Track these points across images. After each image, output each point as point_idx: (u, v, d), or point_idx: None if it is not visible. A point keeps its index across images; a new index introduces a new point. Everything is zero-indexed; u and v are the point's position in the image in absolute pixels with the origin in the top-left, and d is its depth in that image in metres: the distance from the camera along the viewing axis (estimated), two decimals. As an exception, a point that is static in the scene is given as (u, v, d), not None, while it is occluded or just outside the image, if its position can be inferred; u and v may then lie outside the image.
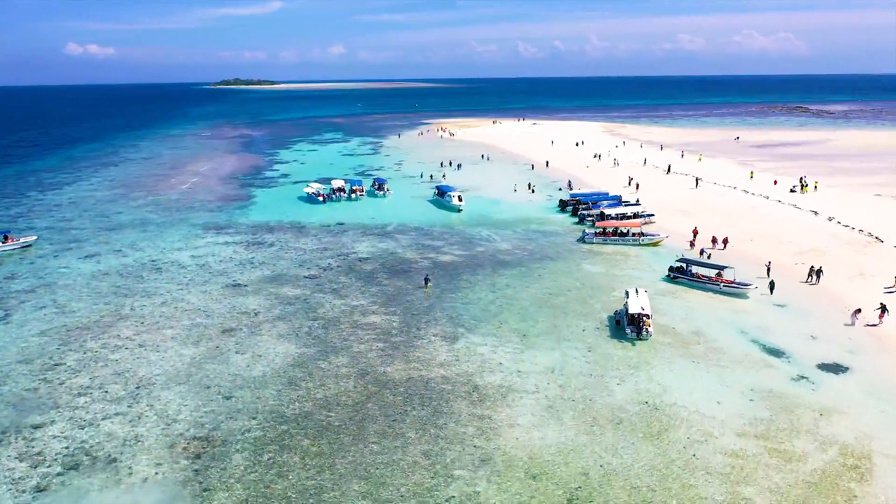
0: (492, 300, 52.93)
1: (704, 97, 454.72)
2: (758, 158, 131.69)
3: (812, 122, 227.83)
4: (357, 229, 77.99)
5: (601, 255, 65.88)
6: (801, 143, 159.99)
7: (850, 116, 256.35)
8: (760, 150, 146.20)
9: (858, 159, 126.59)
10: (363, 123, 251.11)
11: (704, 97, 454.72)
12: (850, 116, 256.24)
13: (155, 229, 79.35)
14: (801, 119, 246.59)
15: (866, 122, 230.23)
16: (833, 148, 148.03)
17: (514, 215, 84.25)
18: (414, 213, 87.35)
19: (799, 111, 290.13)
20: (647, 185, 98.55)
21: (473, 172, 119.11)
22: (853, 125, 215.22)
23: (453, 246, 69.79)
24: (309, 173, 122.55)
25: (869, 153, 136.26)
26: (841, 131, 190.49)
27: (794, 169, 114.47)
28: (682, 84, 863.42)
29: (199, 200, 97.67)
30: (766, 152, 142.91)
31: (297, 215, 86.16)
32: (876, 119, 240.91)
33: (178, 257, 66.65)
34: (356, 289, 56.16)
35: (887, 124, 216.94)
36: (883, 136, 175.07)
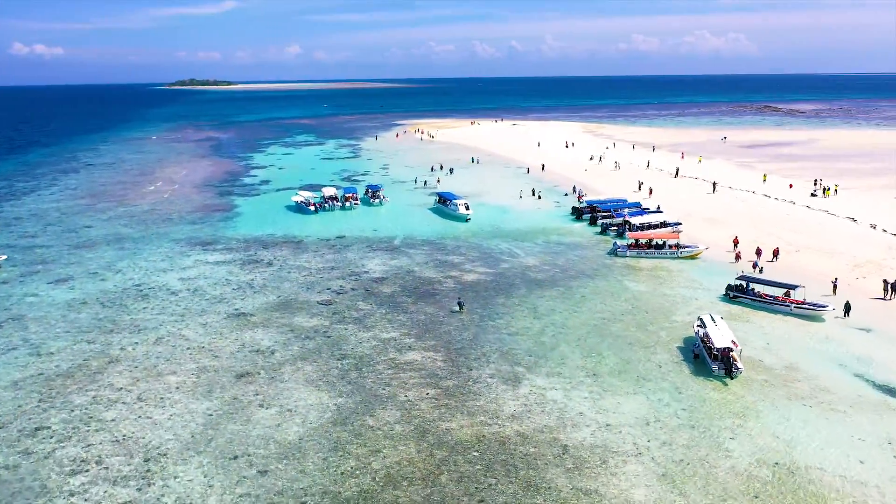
0: (541, 329, 46.36)
1: (672, 96, 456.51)
2: (755, 159, 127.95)
3: (789, 122, 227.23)
4: (361, 243, 70.64)
5: (640, 270, 59.87)
6: (791, 143, 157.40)
7: (822, 116, 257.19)
8: (753, 151, 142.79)
9: (857, 160, 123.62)
10: (334, 125, 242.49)
11: (672, 96, 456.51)
12: (823, 116, 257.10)
13: (132, 246, 70.76)
14: (776, 118, 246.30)
15: (841, 121, 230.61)
16: (825, 148, 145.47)
17: (528, 225, 77.90)
18: (417, 223, 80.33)
19: (770, 110, 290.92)
20: (660, 190, 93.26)
21: (467, 177, 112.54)
22: (829, 125, 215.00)
23: (474, 262, 63.04)
24: (291, 179, 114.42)
25: (863, 153, 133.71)
26: (822, 131, 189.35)
27: (797, 170, 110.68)
28: (641, 83, 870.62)
29: (177, 211, 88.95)
30: (760, 153, 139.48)
31: (289, 227, 78.36)
32: (850, 118, 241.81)
33: (166, 280, 58.47)
34: (381, 317, 49.00)
35: (863, 123, 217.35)
36: (866, 135, 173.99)
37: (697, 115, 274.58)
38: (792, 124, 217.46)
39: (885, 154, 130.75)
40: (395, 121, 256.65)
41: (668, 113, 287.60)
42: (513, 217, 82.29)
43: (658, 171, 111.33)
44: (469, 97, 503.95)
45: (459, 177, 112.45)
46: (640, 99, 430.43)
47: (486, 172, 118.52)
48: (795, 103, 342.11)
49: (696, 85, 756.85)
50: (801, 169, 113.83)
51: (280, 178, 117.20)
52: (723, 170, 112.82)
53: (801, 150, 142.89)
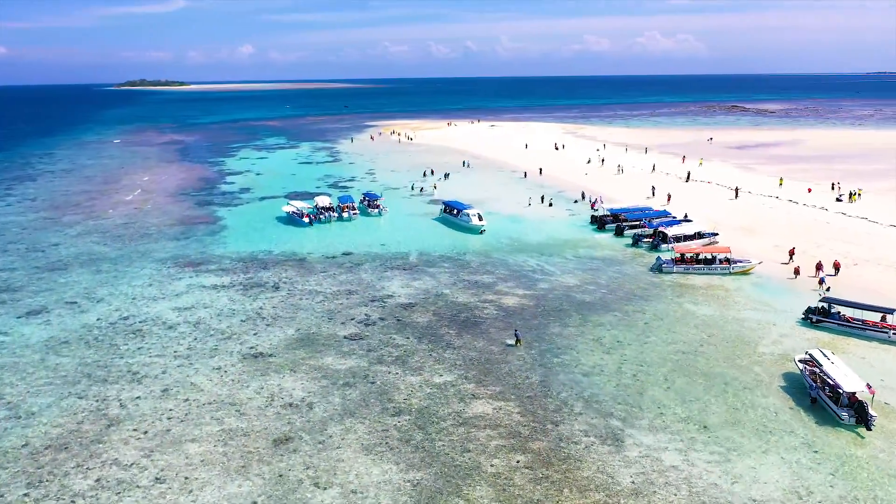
0: (616, 366, 39.94)
1: (636, 97, 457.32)
2: (753, 161, 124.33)
3: (765, 122, 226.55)
4: (372, 261, 63.31)
5: (694, 289, 54.01)
6: (778, 144, 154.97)
7: (793, 115, 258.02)
8: (745, 152, 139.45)
9: (854, 161, 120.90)
10: (302, 126, 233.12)
11: (636, 97, 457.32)
12: (794, 115, 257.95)
13: (111, 268, 62.11)
14: (749, 118, 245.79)
15: (815, 120, 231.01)
16: (815, 148, 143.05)
17: (548, 236, 71.61)
18: (427, 236, 73.33)
19: (739, 110, 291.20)
20: (676, 196, 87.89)
21: (464, 182, 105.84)
22: (805, 124, 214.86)
23: (508, 282, 56.36)
24: (273, 186, 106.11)
25: (857, 154, 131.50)
26: (802, 131, 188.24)
27: (800, 172, 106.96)
28: (598, 83, 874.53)
29: (155, 225, 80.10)
30: (753, 154, 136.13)
31: (286, 243, 70.51)
32: (821, 118, 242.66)
33: (158, 311, 50.30)
34: (425, 355, 41.95)
35: (838, 123, 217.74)
36: (849, 135, 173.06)
37: (670, 115, 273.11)
38: (769, 124, 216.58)
39: (879, 154, 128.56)
40: (364, 122, 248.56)
41: (640, 113, 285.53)
42: (529, 228, 75.89)
43: (664, 174, 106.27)
44: (433, 97, 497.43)
45: (456, 183, 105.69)
46: (606, 99, 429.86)
47: (481, 177, 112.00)
48: (761, 103, 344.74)
49: (653, 85, 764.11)
50: (803, 171, 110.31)
51: (260, 185, 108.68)
52: (725, 173, 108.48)
53: (793, 151, 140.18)
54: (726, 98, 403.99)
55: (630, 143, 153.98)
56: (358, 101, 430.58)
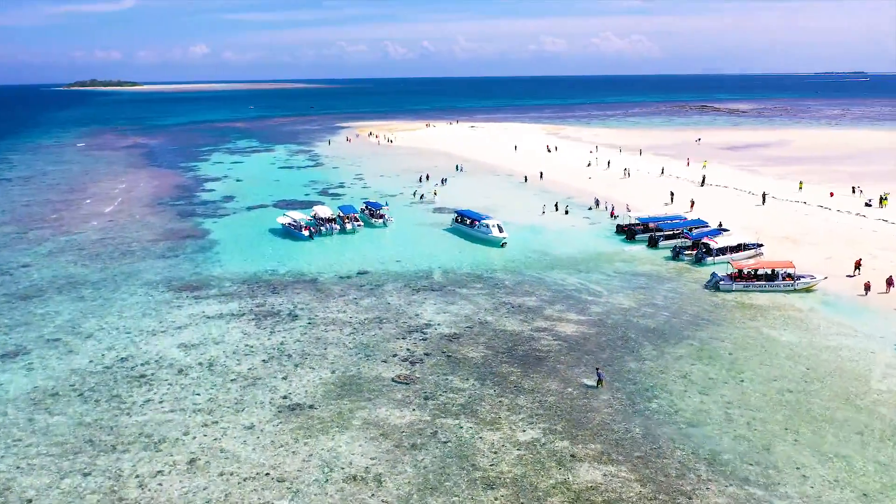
0: (722, 412, 34.26)
1: (602, 97, 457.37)
2: (752, 162, 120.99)
3: (743, 122, 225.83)
4: (394, 281, 56.62)
5: (764, 310, 48.81)
6: (767, 144, 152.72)
7: (766, 115, 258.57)
8: (738, 153, 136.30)
9: (852, 162, 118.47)
10: (271, 128, 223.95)
11: (602, 97, 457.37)
12: (767, 115, 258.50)
13: (94, 294, 54.15)
14: (726, 118, 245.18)
15: (790, 120, 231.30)
16: (805, 149, 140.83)
17: (577, 249, 65.90)
18: (444, 250, 66.94)
19: (711, 110, 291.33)
20: (698, 202, 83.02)
21: (463, 189, 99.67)
22: (782, 124, 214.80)
23: (554, 305, 50.33)
24: (257, 194, 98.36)
25: (851, 154, 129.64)
26: (784, 130, 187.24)
27: (803, 174, 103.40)
28: (557, 83, 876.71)
29: (136, 240, 71.91)
30: (747, 155, 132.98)
31: (290, 260, 63.31)
32: (795, 117, 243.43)
33: (161, 349, 42.87)
34: (495, 401, 35.63)
35: (814, 123, 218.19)
36: (834, 134, 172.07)
37: (645, 115, 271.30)
38: (747, 124, 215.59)
39: (874, 155, 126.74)
40: (335, 123, 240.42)
41: (614, 113, 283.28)
42: (551, 239, 70.06)
43: (674, 178, 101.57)
44: (397, 98, 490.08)
45: (455, 189, 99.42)
46: (575, 99, 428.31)
47: (480, 182, 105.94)
48: (727, 102, 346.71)
49: (615, 85, 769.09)
50: (807, 173, 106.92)
51: (243, 192, 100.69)
52: (729, 175, 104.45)
53: (787, 152, 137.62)
54: (687, 98, 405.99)
55: (620, 145, 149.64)
56: (322, 102, 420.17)
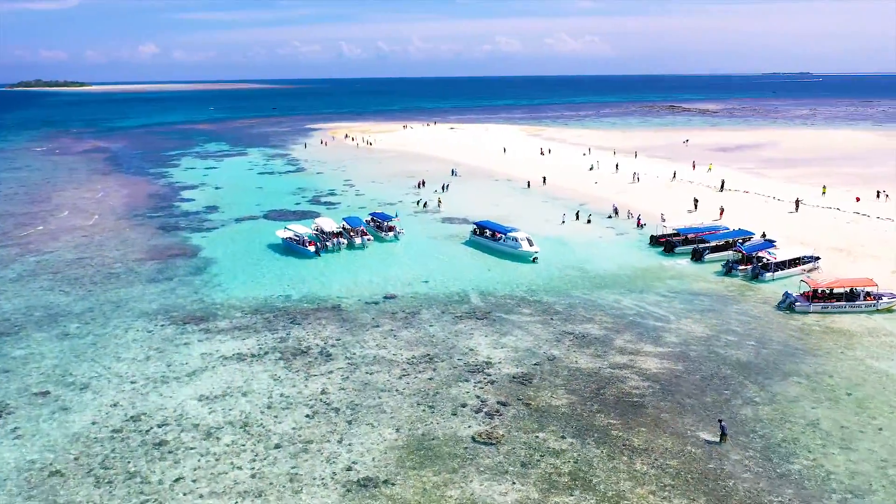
0: (880, 474, 28.99)
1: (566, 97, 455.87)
2: (753, 165, 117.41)
3: (721, 122, 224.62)
4: (428, 306, 49.99)
5: (857, 336, 43.80)
6: (759, 145, 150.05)
7: (737, 115, 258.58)
8: (732, 155, 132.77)
9: (849, 163, 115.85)
10: (238, 130, 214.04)
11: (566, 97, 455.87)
12: (739, 115, 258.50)
13: (82, 330, 46.20)
14: (701, 118, 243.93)
15: (763, 120, 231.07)
16: (800, 150, 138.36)
17: (616, 264, 60.24)
18: (470, 267, 60.56)
19: (681, 110, 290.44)
20: (726, 210, 78.26)
21: (466, 196, 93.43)
22: (758, 124, 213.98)
23: (622, 333, 44.41)
24: (243, 203, 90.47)
25: (846, 155, 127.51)
26: (767, 130, 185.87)
27: (812, 176, 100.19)
28: (514, 84, 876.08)
29: (119, 260, 63.61)
30: (741, 156, 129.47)
31: (302, 282, 56.09)
32: (769, 118, 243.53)
33: (179, 404, 35.47)
34: (606, 467, 29.60)
35: (791, 123, 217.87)
36: (818, 135, 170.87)
37: (619, 115, 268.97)
38: (725, 124, 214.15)
39: (868, 156, 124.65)
40: (303, 125, 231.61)
41: (586, 113, 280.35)
42: (583, 252, 64.28)
43: (687, 182, 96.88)
44: (359, 98, 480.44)
45: (458, 195, 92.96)
46: (542, 99, 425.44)
47: (481, 189, 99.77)
48: (693, 102, 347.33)
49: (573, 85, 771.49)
50: (814, 175, 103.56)
51: (227, 201, 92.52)
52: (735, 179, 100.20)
53: (780, 153, 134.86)
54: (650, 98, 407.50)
55: (609, 147, 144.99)
56: (283, 103, 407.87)
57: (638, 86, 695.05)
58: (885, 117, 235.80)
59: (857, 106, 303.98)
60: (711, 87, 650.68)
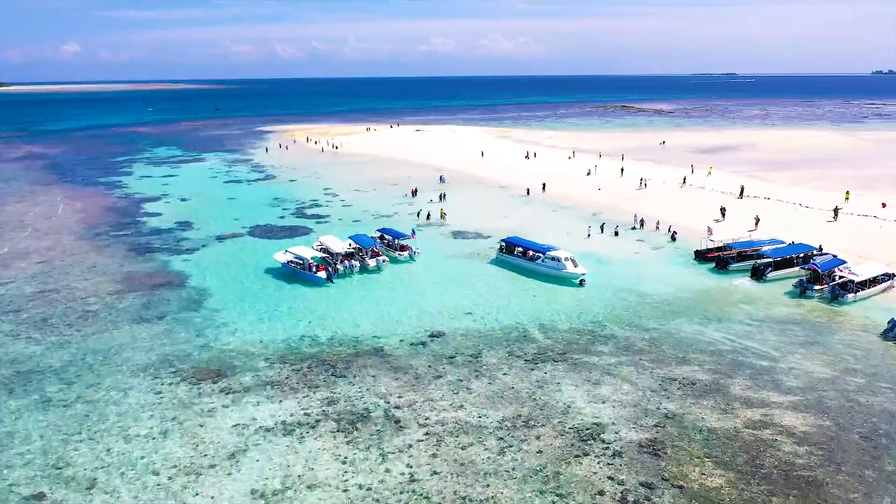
0: None
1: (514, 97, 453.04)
2: (751, 168, 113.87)
3: (684, 123, 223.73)
4: (488, 346, 42.32)
5: None
6: (738, 147, 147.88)
7: (694, 115, 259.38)
8: (717, 157, 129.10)
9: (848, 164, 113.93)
10: (185, 133, 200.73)
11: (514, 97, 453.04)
12: (695, 115, 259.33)
13: (65, 394, 36.69)
14: (662, 119, 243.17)
15: (727, 120, 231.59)
16: (784, 151, 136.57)
17: (672, 286, 53.90)
18: (511, 294, 53.23)
19: (636, 111, 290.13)
20: (745, 218, 73.18)
21: (467, 206, 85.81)
22: (722, 125, 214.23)
23: (732, 378, 37.89)
24: (218, 217, 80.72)
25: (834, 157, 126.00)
26: (739, 131, 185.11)
27: (813, 179, 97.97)
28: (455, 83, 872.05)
29: (92, 293, 53.45)
30: (727, 158, 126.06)
31: (324, 318, 47.57)
32: (727, 118, 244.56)
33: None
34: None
35: (750, 123, 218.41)
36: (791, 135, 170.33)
37: (577, 115, 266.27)
38: (690, 125, 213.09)
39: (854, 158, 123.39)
40: (254, 127, 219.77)
41: (544, 113, 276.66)
42: (627, 272, 57.77)
43: (698, 188, 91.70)
44: (300, 99, 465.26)
45: (458, 206, 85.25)
46: (490, 100, 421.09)
47: (478, 198, 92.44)
48: (644, 102, 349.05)
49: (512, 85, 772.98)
50: (815, 178, 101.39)
51: (198, 215, 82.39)
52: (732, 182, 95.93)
53: (766, 155, 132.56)
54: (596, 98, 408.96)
55: (586, 149, 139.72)
56: (225, 104, 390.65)
57: (579, 86, 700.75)
58: (838, 117, 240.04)
59: (802, 106, 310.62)
60: (652, 87, 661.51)
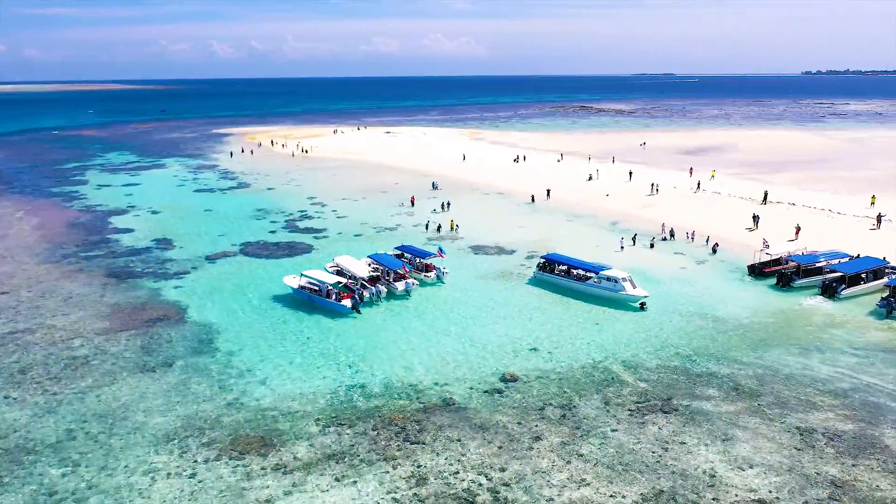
0: None
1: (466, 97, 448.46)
2: (744, 170, 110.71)
3: (651, 123, 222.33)
4: (575, 392, 35.94)
5: None
6: (718, 148, 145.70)
7: (656, 115, 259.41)
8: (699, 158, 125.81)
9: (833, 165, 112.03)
10: (136, 137, 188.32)
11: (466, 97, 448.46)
12: (657, 115, 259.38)
13: (72, 479, 28.71)
14: (630, 119, 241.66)
15: (693, 120, 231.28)
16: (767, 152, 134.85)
17: (742, 308, 48.68)
18: (569, 323, 47.01)
19: (597, 111, 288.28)
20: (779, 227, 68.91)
21: (475, 216, 79.12)
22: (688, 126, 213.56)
23: (878, 427, 32.67)
24: (199, 232, 72.34)
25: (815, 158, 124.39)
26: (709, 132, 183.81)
27: (816, 181, 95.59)
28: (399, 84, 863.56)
29: (76, 333, 44.81)
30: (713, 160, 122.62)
31: (365, 360, 40.38)
32: (687, 118, 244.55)
33: None
34: None
35: (716, 123, 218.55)
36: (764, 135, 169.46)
37: (542, 115, 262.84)
38: (659, 126, 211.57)
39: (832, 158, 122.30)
40: (209, 130, 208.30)
41: (506, 114, 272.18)
42: (683, 291, 52.29)
43: (713, 193, 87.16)
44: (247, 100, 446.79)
45: (467, 217, 78.45)
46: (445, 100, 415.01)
47: (482, 206, 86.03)
48: (602, 103, 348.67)
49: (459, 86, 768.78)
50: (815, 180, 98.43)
51: (177, 231, 73.60)
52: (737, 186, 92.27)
53: (746, 156, 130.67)
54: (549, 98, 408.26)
55: (566, 150, 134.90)
56: (170, 105, 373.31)
57: (527, 86, 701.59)
58: (798, 117, 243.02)
59: (755, 106, 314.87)
60: (600, 87, 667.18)
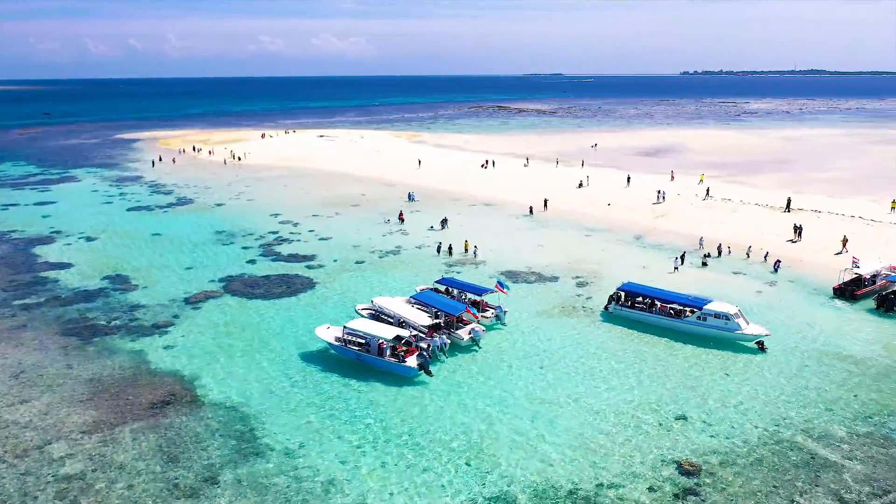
0: None
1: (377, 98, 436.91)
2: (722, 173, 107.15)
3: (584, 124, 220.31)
4: (775, 486, 27.92)
5: None
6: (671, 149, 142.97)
7: (578, 115, 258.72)
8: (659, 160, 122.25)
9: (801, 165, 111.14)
10: (26, 144, 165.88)
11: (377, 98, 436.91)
12: (579, 115, 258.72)
13: None
14: (560, 120, 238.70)
15: (614, 119, 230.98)
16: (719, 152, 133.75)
17: (866, 342, 42.09)
18: (687, 374, 38.96)
19: (516, 111, 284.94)
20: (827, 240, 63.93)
21: (474, 233, 69.74)
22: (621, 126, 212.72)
23: None
24: (158, 266, 59.34)
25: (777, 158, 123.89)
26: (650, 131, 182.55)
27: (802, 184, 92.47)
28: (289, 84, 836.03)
29: (49, 433, 32.16)
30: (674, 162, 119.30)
31: (485, 460, 30.53)
32: (612, 118, 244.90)
33: None
34: None
35: (646, 123, 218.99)
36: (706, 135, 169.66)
37: (466, 116, 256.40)
38: (591, 126, 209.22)
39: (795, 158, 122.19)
40: (110, 135, 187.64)
41: (427, 115, 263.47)
42: (791, 325, 45.26)
43: (723, 200, 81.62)
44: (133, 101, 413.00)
45: (465, 233, 68.94)
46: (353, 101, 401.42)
47: (480, 220, 76.71)
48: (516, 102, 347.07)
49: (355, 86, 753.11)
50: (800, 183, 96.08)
51: (129, 264, 60.03)
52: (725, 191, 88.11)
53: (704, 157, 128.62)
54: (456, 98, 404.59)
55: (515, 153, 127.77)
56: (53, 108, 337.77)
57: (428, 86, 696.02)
58: (716, 116, 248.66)
59: (664, 105, 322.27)
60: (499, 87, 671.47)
